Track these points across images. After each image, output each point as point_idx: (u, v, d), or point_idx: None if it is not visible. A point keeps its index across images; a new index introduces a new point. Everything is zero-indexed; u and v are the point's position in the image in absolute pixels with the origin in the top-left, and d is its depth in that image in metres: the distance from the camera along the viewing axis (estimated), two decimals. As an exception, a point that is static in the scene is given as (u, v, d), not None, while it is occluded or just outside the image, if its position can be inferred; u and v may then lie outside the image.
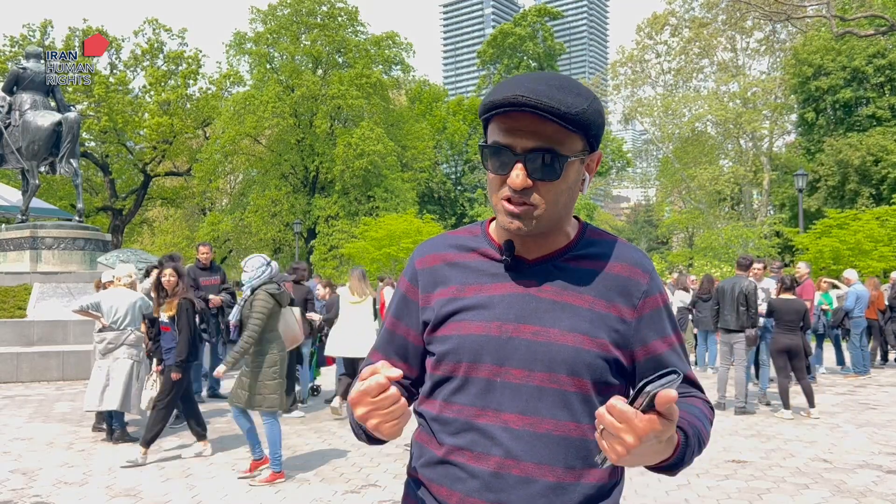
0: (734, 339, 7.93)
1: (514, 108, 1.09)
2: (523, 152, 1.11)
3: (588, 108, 1.11)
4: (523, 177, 1.11)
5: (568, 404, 1.14)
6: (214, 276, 8.94)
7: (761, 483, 5.09)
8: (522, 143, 1.11)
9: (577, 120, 1.10)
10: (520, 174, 1.11)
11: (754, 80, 32.01)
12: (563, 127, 1.10)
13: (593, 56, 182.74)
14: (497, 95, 1.11)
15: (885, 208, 20.62)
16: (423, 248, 1.33)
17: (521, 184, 1.11)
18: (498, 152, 1.14)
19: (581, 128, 1.11)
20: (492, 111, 1.12)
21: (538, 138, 1.11)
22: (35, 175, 13.48)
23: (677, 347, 1.24)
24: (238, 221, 34.92)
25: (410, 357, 1.30)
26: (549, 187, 1.13)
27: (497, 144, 1.13)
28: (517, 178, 1.11)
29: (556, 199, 1.14)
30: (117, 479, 5.19)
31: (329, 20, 36.09)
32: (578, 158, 1.15)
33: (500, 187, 1.16)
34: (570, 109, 1.09)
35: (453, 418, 1.18)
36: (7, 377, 9.88)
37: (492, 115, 1.13)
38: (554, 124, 1.10)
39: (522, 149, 1.11)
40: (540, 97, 1.07)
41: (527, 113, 1.09)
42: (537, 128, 1.10)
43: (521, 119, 1.11)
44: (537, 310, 1.17)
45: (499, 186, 1.16)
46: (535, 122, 1.10)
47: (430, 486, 1.20)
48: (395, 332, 1.32)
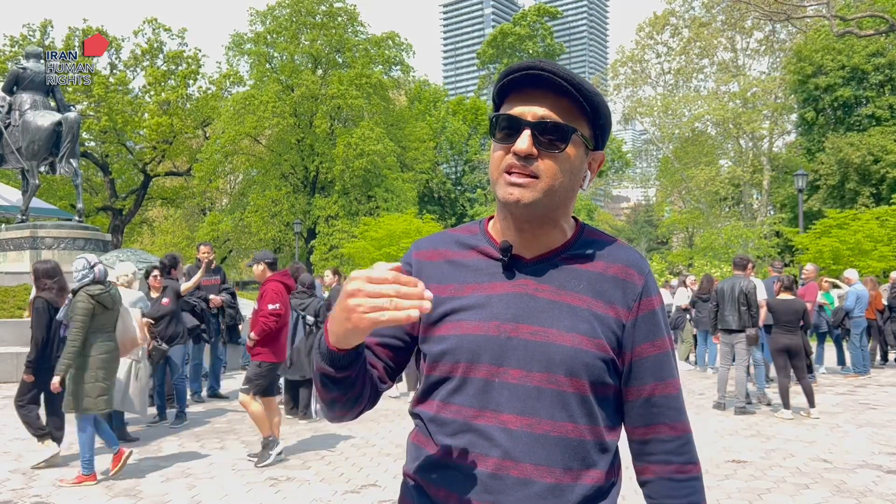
0: (735, 339, 7.93)
1: (533, 72, 1.12)
2: (534, 121, 1.14)
3: (600, 96, 1.16)
4: (529, 143, 1.13)
5: (566, 405, 1.14)
6: (214, 277, 8.95)
7: (761, 483, 5.09)
8: (534, 113, 1.14)
9: (590, 99, 1.14)
10: (526, 140, 1.13)
11: (754, 80, 32.01)
12: (574, 104, 1.14)
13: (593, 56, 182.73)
14: (517, 64, 1.14)
15: (884, 208, 20.62)
16: (423, 244, 1.33)
17: (527, 149, 1.12)
18: (508, 121, 1.16)
19: (592, 109, 1.15)
20: (511, 75, 1.15)
21: (550, 109, 1.14)
22: (35, 175, 13.48)
23: (668, 351, 1.24)
24: (238, 221, 34.93)
25: (393, 343, 1.28)
26: (553, 160, 1.14)
27: (509, 114, 1.16)
28: (523, 143, 1.12)
29: (558, 174, 1.15)
30: (117, 479, 5.19)
31: (328, 20, 36.08)
32: (584, 142, 1.18)
33: (502, 160, 1.17)
34: (584, 85, 1.13)
35: (451, 419, 1.18)
36: (7, 377, 9.88)
37: (510, 82, 1.16)
38: (567, 99, 1.14)
39: (533, 117, 1.14)
40: (558, 68, 1.12)
41: (541, 87, 1.14)
42: (550, 100, 1.14)
43: (534, 93, 1.15)
44: (535, 309, 1.17)
45: (501, 160, 1.17)
46: (548, 95, 1.14)
47: (428, 488, 1.19)
48: None
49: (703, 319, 10.73)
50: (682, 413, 1.25)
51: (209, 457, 5.87)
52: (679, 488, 1.22)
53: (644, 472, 1.25)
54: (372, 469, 5.45)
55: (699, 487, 1.24)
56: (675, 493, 1.22)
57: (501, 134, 1.17)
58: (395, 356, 1.29)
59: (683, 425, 1.24)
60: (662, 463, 1.23)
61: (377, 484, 5.05)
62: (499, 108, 1.20)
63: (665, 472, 1.22)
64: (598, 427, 1.17)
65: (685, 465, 1.23)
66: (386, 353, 1.29)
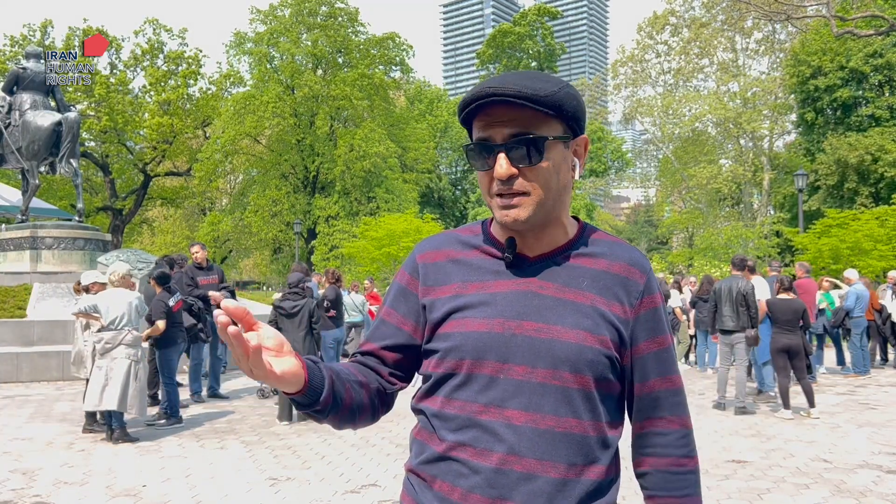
0: (734, 339, 7.93)
1: (484, 100, 1.12)
2: (503, 141, 1.14)
3: (558, 91, 1.14)
4: (507, 165, 1.14)
5: (570, 401, 1.15)
6: (212, 276, 8.95)
7: (761, 483, 5.09)
8: (500, 133, 1.14)
9: (548, 102, 1.13)
10: (503, 164, 1.14)
11: (754, 80, 32.01)
12: (536, 111, 1.13)
13: (593, 56, 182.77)
14: (469, 95, 1.15)
15: (884, 208, 20.61)
16: (426, 245, 1.33)
17: (506, 172, 1.14)
18: (480, 148, 1.17)
19: (554, 109, 1.14)
20: (466, 108, 1.16)
21: (514, 125, 1.14)
22: (35, 175, 13.48)
23: (669, 347, 1.26)
24: (238, 221, 34.94)
25: (399, 346, 1.30)
26: (535, 172, 1.15)
27: (478, 140, 1.17)
28: (501, 168, 1.14)
29: (545, 183, 1.16)
30: (117, 479, 5.19)
31: (330, 20, 36.09)
32: (560, 141, 1.17)
33: (490, 185, 1.19)
34: (538, 92, 1.12)
35: (455, 414, 1.18)
36: (7, 377, 9.88)
37: (469, 111, 1.16)
38: (527, 109, 1.12)
39: (501, 138, 1.14)
40: (507, 86, 1.11)
41: (500, 106, 1.13)
42: (512, 116, 1.13)
43: (494, 112, 1.14)
44: (540, 307, 1.18)
45: (489, 184, 1.19)
46: (508, 111, 1.13)
47: (432, 483, 1.19)
48: (387, 321, 1.32)
49: (705, 319, 10.73)
50: (684, 407, 1.27)
51: (209, 457, 5.87)
52: (675, 480, 1.23)
53: (641, 465, 1.27)
54: (372, 469, 5.45)
55: (695, 481, 1.25)
56: (671, 485, 1.23)
57: (478, 162, 1.18)
58: (401, 360, 1.31)
59: (683, 420, 1.26)
60: (660, 455, 1.24)
61: (377, 484, 5.05)
62: (471, 133, 1.21)
63: (662, 464, 1.24)
64: (601, 423, 1.18)
65: (682, 458, 1.24)
66: (391, 356, 1.30)
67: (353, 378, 1.24)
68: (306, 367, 1.12)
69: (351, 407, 1.21)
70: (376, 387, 1.29)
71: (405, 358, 1.31)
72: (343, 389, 1.19)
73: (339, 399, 1.18)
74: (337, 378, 1.19)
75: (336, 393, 1.17)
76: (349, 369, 1.27)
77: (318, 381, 1.14)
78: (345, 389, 1.20)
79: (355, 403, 1.22)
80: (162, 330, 7.05)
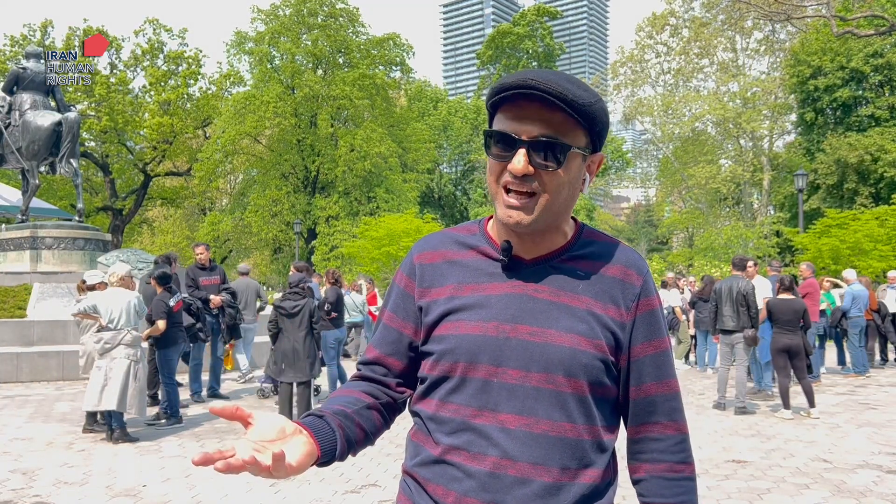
0: (734, 339, 7.93)
1: (523, 91, 1.09)
2: (528, 139, 1.12)
3: (595, 103, 1.13)
4: (525, 162, 1.11)
5: (564, 405, 1.14)
6: (214, 276, 8.95)
7: (761, 483, 5.09)
8: (528, 131, 1.12)
9: (584, 111, 1.11)
10: (522, 159, 1.11)
11: (754, 80, 32.00)
12: (569, 117, 1.11)
13: (593, 56, 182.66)
14: (507, 80, 1.12)
15: (884, 208, 20.60)
16: (422, 245, 1.33)
17: (522, 169, 1.11)
18: (503, 139, 1.14)
19: (587, 120, 1.12)
20: (501, 93, 1.12)
21: (544, 126, 1.11)
22: (35, 175, 13.47)
23: (666, 351, 1.24)
24: (238, 221, 34.92)
25: (403, 351, 1.30)
26: (551, 177, 1.13)
27: (502, 131, 1.14)
28: (518, 164, 1.11)
29: (556, 191, 1.14)
30: (117, 479, 5.19)
31: (330, 20, 36.08)
32: (581, 153, 1.16)
33: (500, 174, 1.16)
34: (577, 99, 1.09)
35: (450, 418, 1.18)
36: (7, 377, 9.88)
37: (501, 98, 1.13)
38: (560, 113, 1.11)
39: (528, 136, 1.12)
40: (549, 84, 1.08)
41: (534, 102, 1.10)
42: (544, 116, 1.11)
43: (528, 107, 1.12)
44: (534, 310, 1.17)
45: (499, 173, 1.16)
46: (541, 111, 1.11)
47: (427, 486, 1.19)
48: (390, 327, 1.32)
49: (705, 319, 10.73)
50: (680, 413, 1.25)
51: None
52: (671, 487, 1.22)
53: (637, 471, 1.25)
54: (372, 469, 5.45)
55: (692, 488, 1.23)
56: (667, 491, 1.21)
57: (497, 150, 1.15)
58: (407, 366, 1.31)
59: (679, 425, 1.24)
60: (656, 461, 1.23)
61: (377, 484, 5.06)
62: (493, 117, 1.19)
63: (658, 470, 1.22)
64: (595, 427, 1.17)
65: (678, 464, 1.22)
66: (397, 364, 1.30)
67: (361, 405, 1.24)
68: (313, 433, 1.11)
69: (366, 438, 1.24)
70: (386, 401, 1.29)
71: (411, 364, 1.30)
72: (354, 428, 1.20)
73: (352, 441, 1.19)
74: (345, 420, 1.19)
75: (348, 437, 1.18)
76: (355, 395, 1.27)
77: (329, 441, 1.13)
78: (356, 426, 1.21)
79: (369, 432, 1.25)
80: (162, 330, 7.04)
